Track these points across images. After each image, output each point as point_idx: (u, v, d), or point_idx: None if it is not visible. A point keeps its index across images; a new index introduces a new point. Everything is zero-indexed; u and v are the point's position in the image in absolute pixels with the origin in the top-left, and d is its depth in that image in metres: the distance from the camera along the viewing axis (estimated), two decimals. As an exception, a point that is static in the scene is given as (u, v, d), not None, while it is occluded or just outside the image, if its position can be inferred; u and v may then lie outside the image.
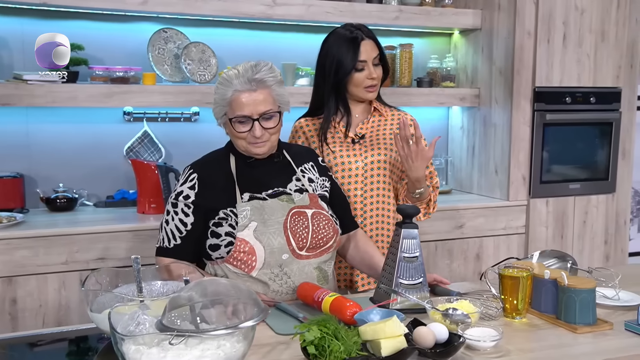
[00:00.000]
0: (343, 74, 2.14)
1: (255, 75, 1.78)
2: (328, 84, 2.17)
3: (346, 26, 2.21)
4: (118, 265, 2.80)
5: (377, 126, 2.25)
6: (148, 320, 1.26)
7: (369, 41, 2.16)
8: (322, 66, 2.20)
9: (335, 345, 1.30)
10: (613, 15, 3.64)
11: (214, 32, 3.38)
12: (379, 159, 2.19)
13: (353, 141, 2.19)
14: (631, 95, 3.77)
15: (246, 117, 1.79)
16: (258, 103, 1.79)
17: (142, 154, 3.31)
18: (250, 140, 1.82)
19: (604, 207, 3.75)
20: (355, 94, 2.19)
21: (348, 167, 2.16)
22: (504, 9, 3.51)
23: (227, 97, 1.80)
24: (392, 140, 2.22)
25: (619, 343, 1.50)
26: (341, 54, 2.13)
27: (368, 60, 2.15)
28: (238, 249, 1.75)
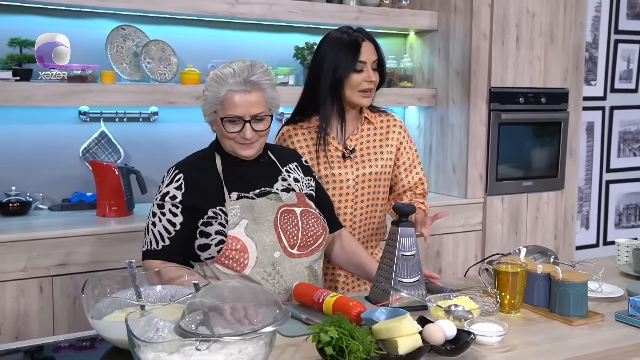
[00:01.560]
0: (342, 74, 2.06)
1: (251, 77, 1.75)
2: (324, 88, 2.08)
3: (344, 28, 2.16)
4: (82, 271, 2.71)
5: (368, 136, 2.21)
6: (167, 327, 1.22)
7: (369, 44, 2.11)
8: (317, 69, 2.11)
9: (354, 345, 1.30)
10: (561, 19, 3.79)
11: (174, 30, 3.30)
12: (369, 177, 2.16)
13: (344, 156, 2.14)
14: (577, 96, 3.93)
15: (238, 117, 1.76)
16: (251, 105, 1.76)
17: (99, 155, 3.20)
18: (239, 141, 1.79)
19: (554, 204, 3.90)
20: (350, 99, 2.11)
21: (339, 184, 2.12)
22: (460, 11, 3.59)
23: (220, 95, 1.76)
24: (382, 152, 2.20)
25: (615, 333, 1.57)
26: (340, 53, 2.07)
27: (367, 62, 2.09)
28: (230, 247, 1.72)
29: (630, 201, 4.87)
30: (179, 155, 3.35)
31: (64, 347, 1.55)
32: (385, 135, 2.23)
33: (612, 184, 4.76)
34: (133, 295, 1.49)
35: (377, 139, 2.21)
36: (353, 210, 2.16)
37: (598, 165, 4.69)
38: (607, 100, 4.66)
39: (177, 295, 1.55)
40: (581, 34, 3.90)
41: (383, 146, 2.21)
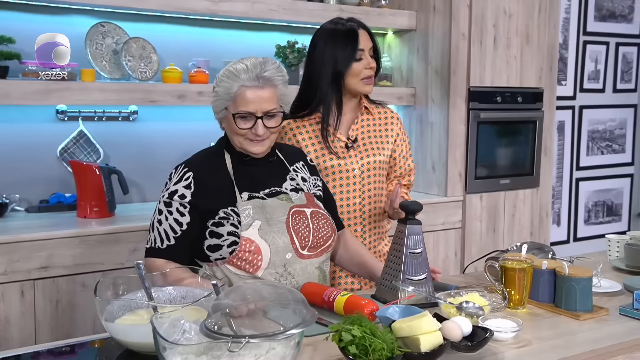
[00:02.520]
0: (343, 65, 2.07)
1: (264, 72, 1.73)
2: (325, 81, 2.08)
3: (336, 19, 2.17)
4: (64, 274, 2.64)
5: (369, 126, 2.23)
6: (193, 328, 1.19)
7: (364, 31, 2.13)
8: (315, 62, 2.11)
9: (378, 343, 1.29)
10: (536, 20, 3.86)
11: (154, 27, 3.24)
12: (374, 165, 2.17)
13: (347, 146, 2.15)
14: (551, 96, 4.01)
15: (250, 113, 1.74)
16: (264, 101, 1.74)
17: (77, 155, 3.12)
18: (249, 137, 1.77)
19: (530, 201, 3.97)
20: (353, 88, 2.12)
21: (346, 174, 2.13)
22: (439, 11, 3.62)
23: (233, 91, 1.73)
24: (383, 142, 2.22)
25: (622, 327, 1.60)
26: (338, 45, 2.07)
27: (365, 50, 2.10)
28: (243, 249, 1.70)
29: (598, 198, 5.00)
30: (160, 155, 3.34)
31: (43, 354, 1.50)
32: (384, 127, 2.25)
33: (581, 182, 4.88)
34: (144, 297, 1.45)
35: (377, 129, 2.23)
36: (361, 200, 2.16)
37: (568, 163, 4.80)
38: (576, 99, 4.77)
39: (188, 296, 1.51)
40: (554, 35, 3.98)
41: (383, 136, 2.23)
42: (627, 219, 5.19)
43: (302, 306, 1.24)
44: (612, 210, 5.09)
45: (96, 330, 2.71)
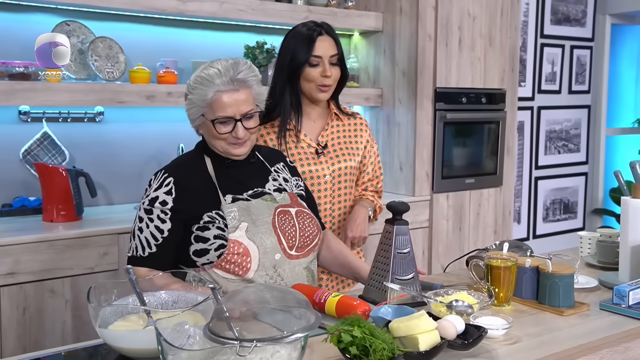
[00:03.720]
0: (296, 66, 2.08)
1: (238, 75, 1.70)
2: (282, 79, 2.11)
3: (307, 23, 2.17)
4: (32, 280, 2.56)
5: (338, 132, 2.23)
6: (197, 333, 1.17)
7: (328, 38, 2.12)
8: (279, 61, 2.15)
9: (378, 344, 1.29)
10: (498, 23, 3.94)
11: (121, 27, 3.18)
12: (345, 171, 2.19)
13: (317, 152, 2.15)
14: (513, 97, 4.10)
15: (229, 117, 1.72)
16: (240, 103, 1.72)
17: (41, 157, 3.03)
18: (230, 141, 1.75)
19: (494, 200, 4.05)
20: (308, 92, 2.13)
21: (317, 180, 2.14)
22: (406, 13, 3.66)
23: (208, 97, 1.70)
24: (353, 148, 2.24)
25: (604, 321, 1.65)
26: (296, 47, 2.09)
27: (324, 57, 2.10)
28: (231, 251, 1.68)
29: (555, 196, 5.14)
30: (127, 157, 3.28)
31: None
32: (354, 133, 2.26)
33: (540, 181, 5.00)
34: (136, 302, 1.42)
35: (347, 135, 2.24)
36: (332, 205, 2.17)
37: (528, 162, 4.92)
38: (535, 100, 4.89)
39: (180, 300, 1.49)
40: (515, 37, 4.08)
41: (353, 142, 2.24)
42: (582, 216, 5.35)
43: (305, 309, 1.24)
44: (568, 207, 5.24)
45: (65, 338, 2.65)
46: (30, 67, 2.82)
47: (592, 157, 5.37)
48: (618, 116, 5.65)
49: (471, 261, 1.83)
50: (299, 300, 1.27)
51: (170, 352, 1.11)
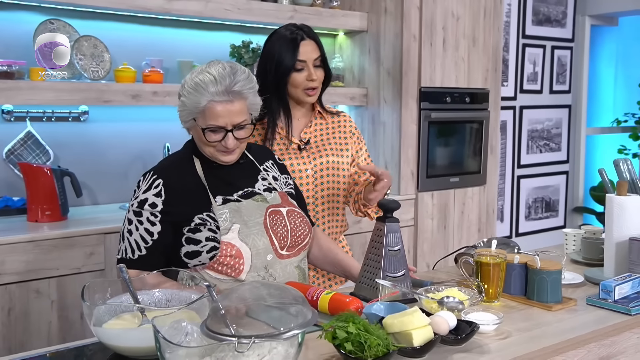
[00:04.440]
0: (282, 73, 2.09)
1: (234, 86, 1.67)
2: (269, 85, 2.10)
3: (288, 26, 2.17)
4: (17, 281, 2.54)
5: (321, 130, 2.24)
6: (195, 330, 1.18)
7: (310, 42, 2.13)
8: (263, 67, 2.14)
9: (373, 340, 1.31)
10: (481, 23, 3.98)
11: (106, 25, 3.16)
12: (327, 165, 2.19)
13: (299, 147, 2.16)
14: (496, 96, 4.15)
15: (220, 127, 1.70)
16: (233, 115, 1.69)
17: (25, 157, 3.00)
18: (219, 149, 1.73)
19: (478, 198, 4.09)
20: (295, 96, 2.15)
21: (299, 174, 2.14)
22: (391, 13, 3.68)
23: (201, 105, 1.67)
24: (337, 143, 2.24)
25: (591, 316, 1.68)
26: (281, 53, 2.09)
27: (308, 61, 2.11)
28: (224, 253, 1.67)
29: (537, 195, 5.20)
30: (111, 156, 3.26)
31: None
32: (339, 129, 2.27)
33: (522, 179, 5.06)
34: (130, 301, 1.42)
35: (331, 132, 2.25)
36: (314, 200, 2.17)
37: (510, 161, 4.97)
38: (517, 100, 4.95)
39: (174, 299, 1.49)
40: (498, 38, 4.12)
41: (337, 139, 2.24)
42: (563, 214, 5.42)
43: (302, 305, 1.24)
44: (549, 206, 5.30)
45: (51, 339, 2.63)
46: (13, 66, 2.79)
47: (572, 156, 5.44)
48: (597, 116, 5.74)
49: (461, 258, 1.85)
50: (296, 297, 1.28)
51: (167, 349, 1.11)
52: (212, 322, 1.21)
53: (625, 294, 1.76)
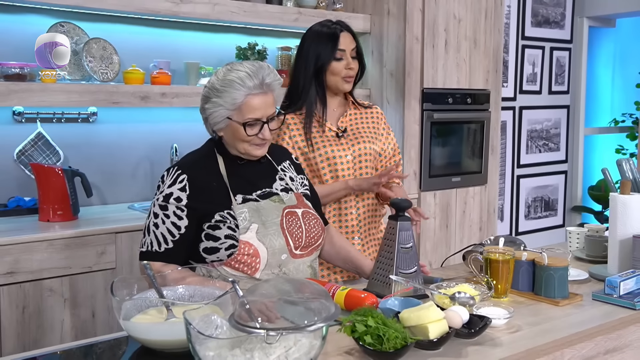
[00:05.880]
0: (322, 63, 2.22)
1: (266, 79, 1.76)
2: (307, 76, 2.24)
3: (325, 22, 2.32)
4: (31, 279, 2.58)
5: (357, 119, 2.36)
6: (224, 324, 1.23)
7: (347, 34, 2.27)
8: (301, 58, 2.27)
9: (392, 332, 1.36)
10: (482, 25, 4.04)
11: (115, 28, 3.21)
12: (366, 150, 2.30)
13: (337, 135, 2.27)
14: (497, 97, 4.21)
15: (257, 120, 1.77)
16: (268, 106, 1.78)
17: (35, 158, 3.05)
18: (255, 142, 1.80)
19: (479, 198, 4.15)
20: (333, 84, 2.27)
21: (339, 160, 2.25)
22: (394, 15, 3.74)
23: (238, 100, 1.74)
24: (373, 132, 2.36)
25: (598, 311, 1.74)
26: (321, 44, 2.23)
27: (346, 50, 2.24)
28: (242, 252, 1.73)
29: (537, 194, 5.27)
30: (120, 157, 3.31)
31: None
32: (372, 119, 2.40)
33: (522, 179, 5.12)
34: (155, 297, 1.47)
35: (365, 122, 2.38)
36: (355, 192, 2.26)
37: (510, 161, 5.04)
38: (517, 100, 5.01)
39: (196, 294, 1.54)
40: (499, 39, 4.18)
41: (372, 128, 2.37)
42: (562, 213, 5.48)
43: (324, 299, 1.30)
44: (549, 205, 5.37)
45: (63, 336, 2.67)
46: (25, 68, 2.84)
47: (571, 155, 5.51)
48: (596, 116, 5.81)
49: (470, 255, 1.91)
50: (319, 291, 1.33)
51: (198, 341, 1.16)
52: (240, 316, 1.26)
53: (630, 289, 1.82)
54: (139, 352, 1.42)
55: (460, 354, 1.45)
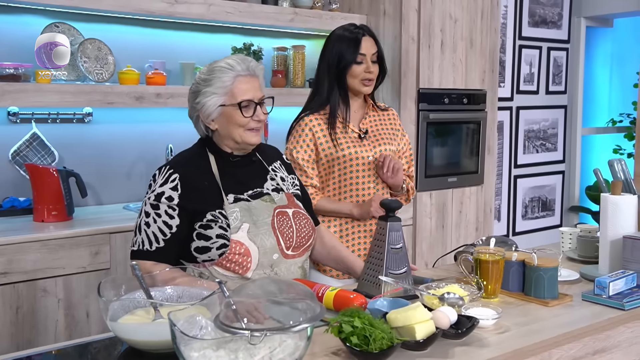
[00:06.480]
0: (344, 65, 2.29)
1: (250, 65, 1.84)
2: (331, 77, 2.32)
3: (347, 26, 2.39)
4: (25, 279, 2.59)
5: (376, 121, 2.44)
6: (209, 325, 1.23)
7: (369, 38, 2.34)
8: (325, 60, 2.34)
9: (378, 333, 1.36)
10: (479, 25, 4.04)
11: (109, 28, 3.21)
12: (387, 152, 2.38)
13: (359, 136, 2.35)
14: (493, 97, 4.21)
15: (250, 101, 1.80)
16: (257, 89, 1.84)
17: (30, 158, 3.05)
18: (251, 126, 1.82)
19: (475, 198, 4.15)
20: (353, 87, 2.34)
21: (361, 161, 2.32)
22: (390, 15, 3.74)
23: (228, 84, 1.79)
24: (391, 134, 2.45)
25: (587, 311, 1.74)
26: (343, 48, 2.30)
27: (367, 55, 2.31)
28: (233, 251, 1.73)
29: (534, 194, 5.26)
30: (116, 157, 3.32)
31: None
32: (389, 122, 2.48)
33: (519, 179, 5.12)
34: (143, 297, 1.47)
35: (384, 124, 2.46)
36: (375, 185, 2.36)
37: (507, 161, 5.04)
38: (514, 101, 5.01)
39: (184, 295, 1.55)
40: (495, 39, 4.18)
41: (390, 130, 2.46)
42: (559, 214, 5.48)
43: (310, 300, 1.30)
44: (546, 205, 5.37)
45: (57, 336, 2.68)
46: (20, 69, 2.84)
47: (568, 156, 5.51)
48: (593, 116, 5.80)
49: (460, 256, 1.91)
50: (305, 292, 1.33)
51: (183, 342, 1.17)
52: (225, 317, 1.27)
53: (620, 290, 1.82)
54: (126, 353, 1.43)
55: (447, 355, 1.45)
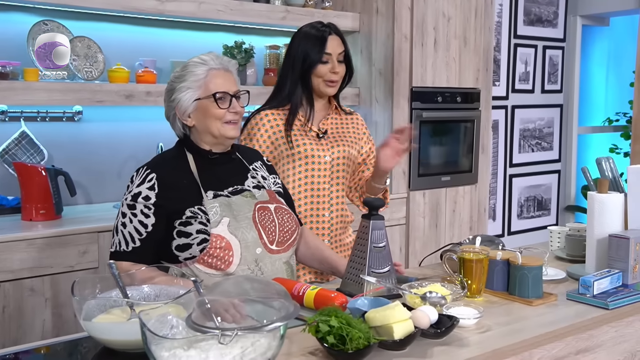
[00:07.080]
0: (309, 65, 2.22)
1: (223, 61, 1.85)
2: (295, 75, 2.25)
3: (314, 23, 2.30)
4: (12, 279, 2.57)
5: (337, 124, 2.35)
6: (180, 324, 1.22)
7: (336, 37, 2.26)
8: (290, 58, 2.27)
9: (355, 333, 1.35)
10: (472, 23, 4.02)
11: (99, 26, 3.20)
12: (344, 154, 2.29)
13: (318, 136, 2.27)
14: (487, 96, 4.19)
15: (225, 93, 1.80)
16: (231, 84, 1.84)
17: (19, 157, 3.04)
18: (228, 119, 1.82)
19: (469, 197, 4.13)
20: (317, 87, 2.26)
21: (317, 160, 2.24)
22: (382, 13, 3.72)
23: (202, 77, 1.79)
24: (353, 137, 2.34)
25: (571, 310, 1.72)
26: (309, 46, 2.23)
27: (333, 55, 2.23)
28: (214, 245, 1.72)
29: (529, 193, 5.25)
30: (105, 156, 3.30)
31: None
32: (352, 126, 2.39)
33: (514, 178, 5.11)
34: (119, 296, 1.46)
35: (345, 128, 2.38)
36: (330, 186, 2.27)
37: (502, 160, 5.02)
38: (509, 99, 4.99)
39: (162, 294, 1.53)
40: (489, 38, 4.16)
41: (351, 134, 2.37)
42: (555, 213, 5.46)
43: (284, 299, 1.28)
44: (541, 204, 5.35)
45: (45, 336, 2.66)
46: (8, 67, 2.83)
47: (564, 155, 5.49)
48: (589, 115, 5.78)
49: (445, 255, 1.89)
50: (279, 291, 1.32)
51: (153, 341, 1.15)
52: (198, 316, 1.25)
53: (604, 289, 1.80)
54: (100, 353, 1.41)
55: (426, 354, 1.43)
